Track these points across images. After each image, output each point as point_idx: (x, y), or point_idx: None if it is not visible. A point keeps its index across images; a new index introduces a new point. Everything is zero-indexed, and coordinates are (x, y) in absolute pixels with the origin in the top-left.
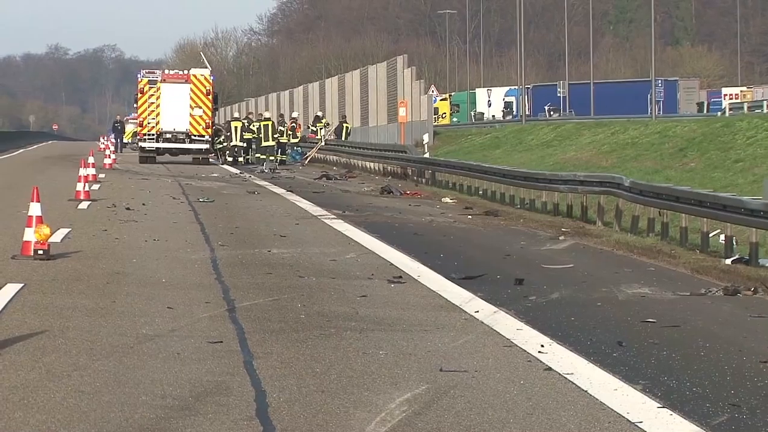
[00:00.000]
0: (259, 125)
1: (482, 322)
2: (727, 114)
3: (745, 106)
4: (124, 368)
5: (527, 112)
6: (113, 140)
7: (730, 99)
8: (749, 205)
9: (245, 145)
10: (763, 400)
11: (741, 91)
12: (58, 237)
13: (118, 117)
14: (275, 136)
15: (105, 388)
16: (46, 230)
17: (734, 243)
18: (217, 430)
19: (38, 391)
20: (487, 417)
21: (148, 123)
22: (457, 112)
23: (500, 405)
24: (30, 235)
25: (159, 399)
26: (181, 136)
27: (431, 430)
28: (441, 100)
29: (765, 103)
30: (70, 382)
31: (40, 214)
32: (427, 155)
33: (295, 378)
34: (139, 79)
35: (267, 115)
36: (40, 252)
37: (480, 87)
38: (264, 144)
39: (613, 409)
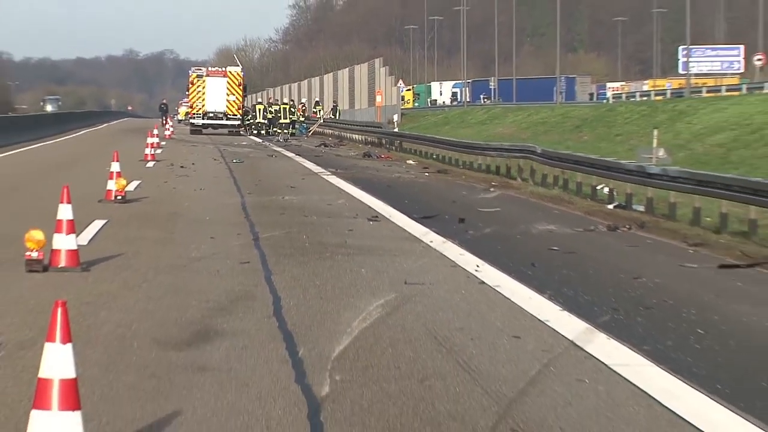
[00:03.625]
0: (279, 107)
1: (435, 249)
2: (610, 101)
3: (624, 96)
4: (179, 281)
5: (468, 100)
6: (171, 117)
7: (613, 91)
8: (626, 167)
9: (266, 121)
10: (634, 305)
11: (621, 85)
12: (131, 187)
13: (164, 100)
14: (290, 116)
15: (166, 295)
16: (123, 182)
17: (615, 194)
18: (245, 325)
19: (117, 297)
20: (438, 317)
21: (197, 105)
22: (418, 99)
23: (447, 308)
24: (111, 185)
25: (204, 303)
26: (220, 115)
27: (398, 325)
28: (406, 90)
29: (638, 93)
30: (140, 291)
31: (119, 170)
32: (396, 130)
33: (301, 289)
34: (191, 74)
35: (285, 101)
36: (119, 197)
37: (434, 81)
38: (282, 121)
39: (528, 311)
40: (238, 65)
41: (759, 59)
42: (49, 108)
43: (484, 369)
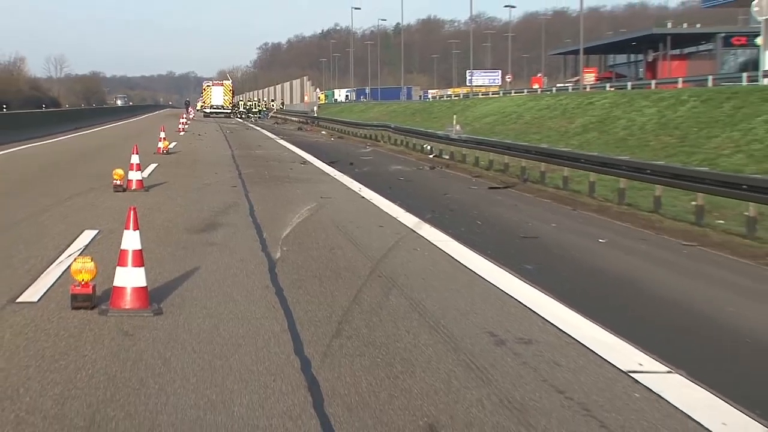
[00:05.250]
0: (252, 103)
1: (337, 179)
2: (431, 100)
3: (438, 97)
4: (198, 197)
5: (354, 99)
6: (193, 108)
7: (432, 95)
8: (439, 135)
9: (245, 110)
10: (444, 209)
11: (436, 91)
12: (171, 145)
13: (187, 99)
14: (258, 107)
15: (191, 204)
16: (167, 143)
17: (433, 149)
18: (234, 220)
19: (163, 205)
20: (339, 216)
21: (207, 102)
22: (327, 98)
23: (344, 210)
24: (160, 144)
25: (211, 208)
26: (220, 108)
27: (317, 220)
28: (321, 94)
29: (445, 96)
30: (176, 201)
31: (164, 136)
32: (315, 115)
33: (265, 201)
34: (204, 85)
35: (255, 99)
36: (164, 152)
37: (336, 89)
38: (253, 110)
39: (387, 212)
40: (229, 80)
41: (509, 77)
42: (119, 102)
43: (364, 243)
